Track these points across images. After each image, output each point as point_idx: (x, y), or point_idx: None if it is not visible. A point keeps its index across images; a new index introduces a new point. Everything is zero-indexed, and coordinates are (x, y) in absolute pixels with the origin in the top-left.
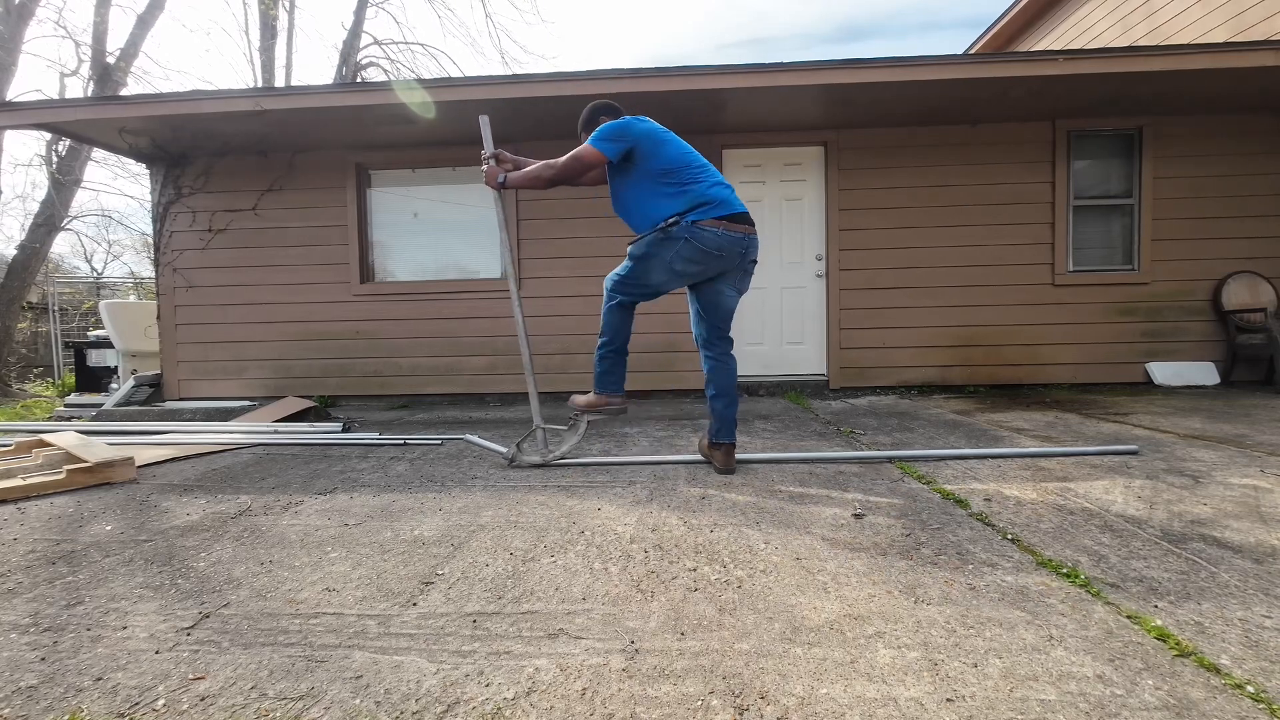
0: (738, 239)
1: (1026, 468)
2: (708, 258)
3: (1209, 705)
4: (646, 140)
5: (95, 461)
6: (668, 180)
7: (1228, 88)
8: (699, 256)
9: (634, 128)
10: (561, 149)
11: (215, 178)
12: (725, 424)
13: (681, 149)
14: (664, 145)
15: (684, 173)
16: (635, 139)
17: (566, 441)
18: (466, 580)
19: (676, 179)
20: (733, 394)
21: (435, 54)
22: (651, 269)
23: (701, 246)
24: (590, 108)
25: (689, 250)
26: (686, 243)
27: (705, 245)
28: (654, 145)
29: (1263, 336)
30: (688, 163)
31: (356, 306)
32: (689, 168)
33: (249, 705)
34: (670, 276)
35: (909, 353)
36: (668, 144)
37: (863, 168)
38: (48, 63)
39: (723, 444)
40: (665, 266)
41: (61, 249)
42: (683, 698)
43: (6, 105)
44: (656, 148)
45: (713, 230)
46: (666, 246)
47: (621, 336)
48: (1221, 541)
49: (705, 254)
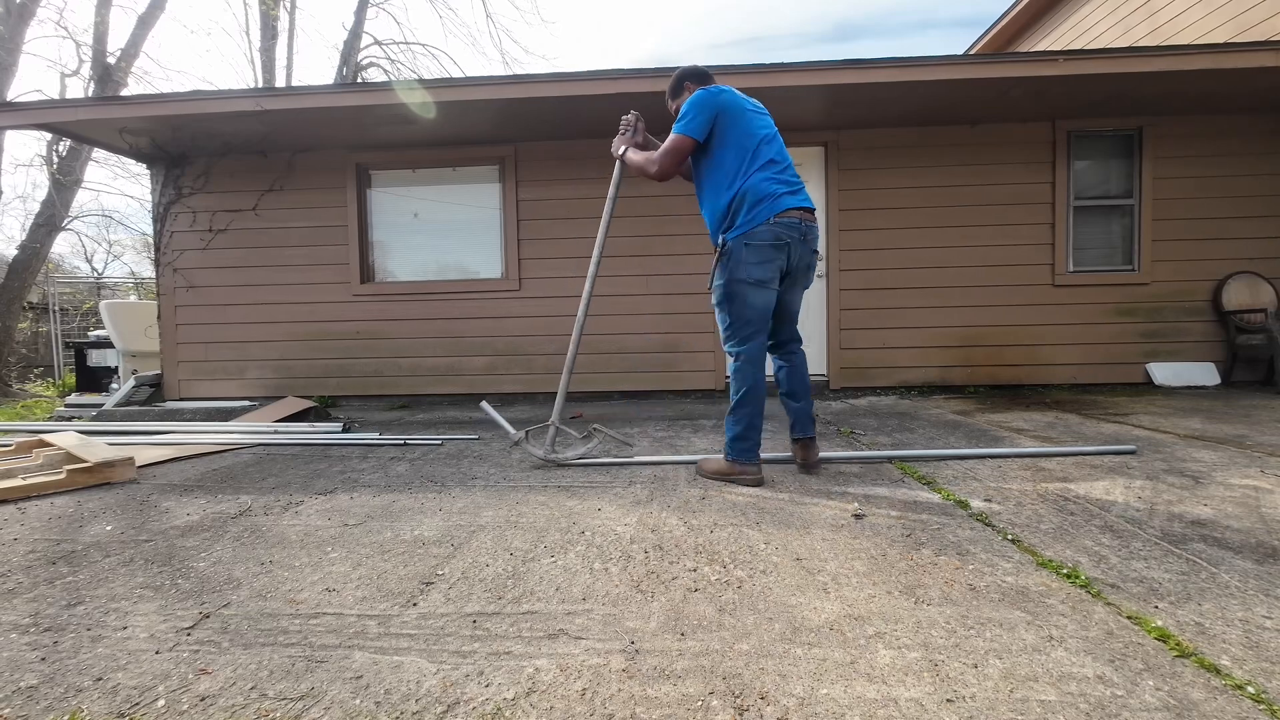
0: (793, 224)
1: (1027, 468)
2: (775, 251)
3: (1209, 706)
4: (726, 114)
5: (95, 461)
6: (726, 169)
7: (1228, 88)
8: (768, 254)
9: (717, 97)
10: (562, 149)
11: (215, 178)
12: (808, 418)
13: (750, 128)
14: (738, 121)
15: (742, 160)
16: (718, 109)
17: (575, 448)
18: (466, 580)
19: (732, 168)
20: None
21: (436, 54)
22: (742, 296)
23: (760, 243)
24: (677, 74)
25: (753, 254)
26: (747, 248)
27: (764, 240)
28: (732, 120)
29: (1263, 337)
30: (744, 146)
31: (357, 306)
32: (745, 152)
33: (249, 705)
34: (760, 288)
35: (909, 353)
36: (740, 119)
37: (863, 168)
38: (48, 63)
39: (805, 438)
40: (748, 284)
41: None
42: (683, 698)
43: (7, 105)
44: (735, 121)
45: (764, 226)
46: (734, 265)
47: (753, 399)
48: (1222, 542)
49: (770, 248)
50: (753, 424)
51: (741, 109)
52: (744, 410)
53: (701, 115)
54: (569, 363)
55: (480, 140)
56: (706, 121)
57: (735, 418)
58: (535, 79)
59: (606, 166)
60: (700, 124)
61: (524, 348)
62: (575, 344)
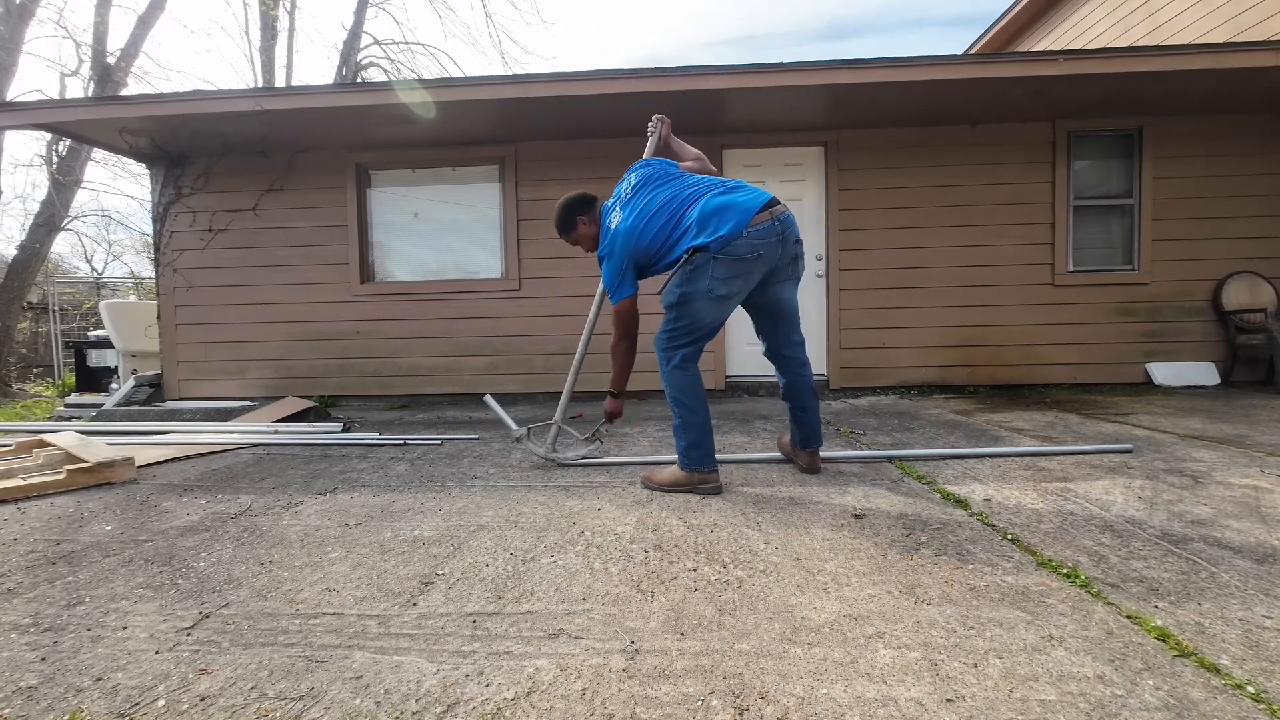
0: (767, 228)
1: (1027, 468)
2: (749, 264)
3: (1209, 705)
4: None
5: (95, 461)
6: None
7: (1228, 88)
8: (739, 269)
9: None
10: (561, 149)
11: (215, 178)
12: (814, 431)
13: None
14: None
15: (679, 210)
16: (628, 250)
17: (577, 449)
18: (466, 580)
19: (676, 223)
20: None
21: (436, 54)
22: (696, 309)
23: (734, 258)
24: (563, 209)
25: (723, 269)
26: (716, 261)
27: (738, 254)
28: (640, 221)
29: (1263, 337)
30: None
31: (356, 306)
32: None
33: (249, 705)
34: (719, 306)
35: (909, 353)
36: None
37: (863, 168)
38: (48, 63)
39: (812, 449)
40: (708, 298)
41: (61, 249)
42: (683, 698)
43: (7, 105)
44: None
45: (738, 238)
46: (698, 278)
47: (695, 398)
48: (1222, 542)
49: (743, 262)
50: (703, 427)
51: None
52: (690, 416)
53: (626, 273)
54: (577, 362)
55: (480, 140)
56: (630, 271)
57: (684, 423)
58: (534, 79)
59: (606, 166)
60: (628, 280)
61: (523, 348)
62: (585, 344)
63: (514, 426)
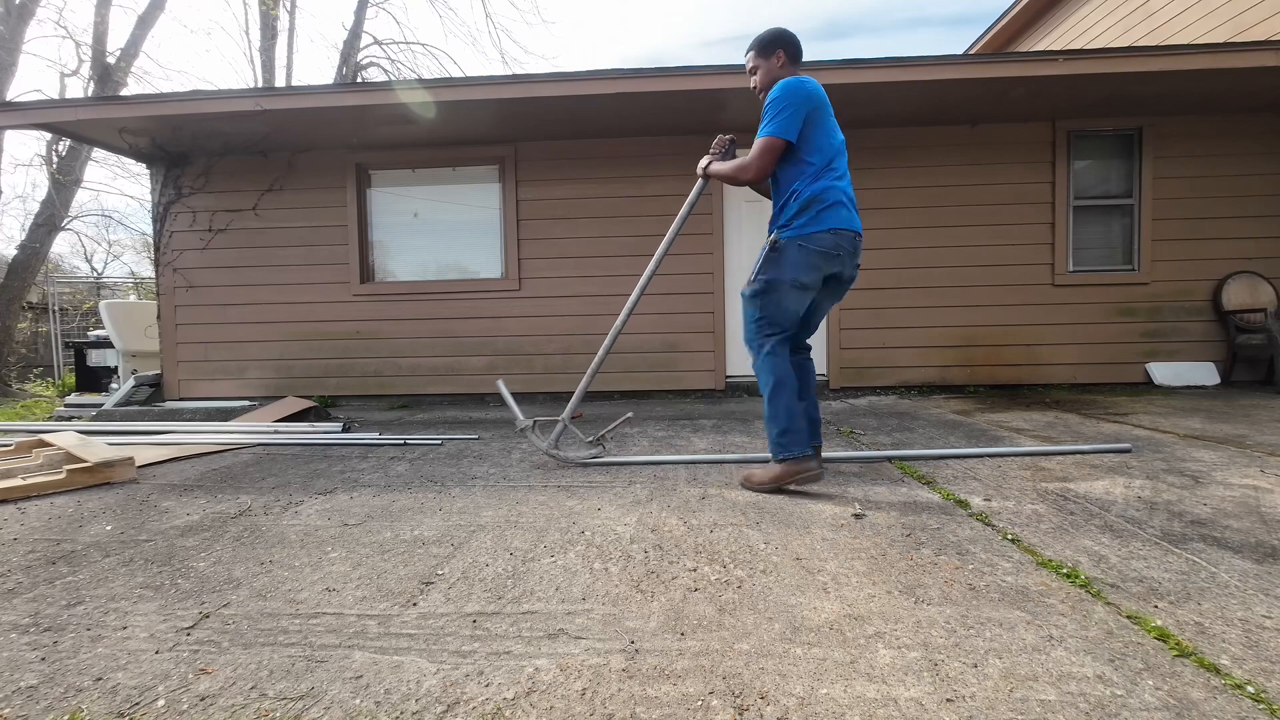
0: (848, 239)
1: (1026, 467)
2: (826, 259)
3: (1209, 705)
4: (816, 113)
5: (95, 461)
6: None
7: (1228, 88)
8: (818, 261)
9: (811, 94)
10: (562, 149)
11: (215, 178)
12: (815, 425)
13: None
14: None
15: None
16: (811, 107)
17: (579, 450)
18: (466, 580)
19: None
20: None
21: (436, 54)
22: (782, 297)
23: (817, 249)
24: (772, 33)
25: (804, 257)
26: (800, 249)
27: (821, 247)
28: (819, 119)
29: (1263, 337)
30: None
31: (356, 306)
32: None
33: (249, 705)
34: (801, 294)
35: (909, 353)
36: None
37: (863, 168)
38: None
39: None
40: (792, 286)
41: (61, 249)
42: (683, 698)
43: (7, 105)
44: (823, 121)
45: (824, 234)
46: (783, 265)
47: (789, 384)
48: (1222, 542)
49: (823, 255)
50: (793, 412)
51: (827, 108)
52: (781, 401)
53: (797, 116)
54: (596, 362)
55: (480, 140)
56: (801, 122)
57: (773, 411)
58: (534, 79)
59: (607, 166)
60: (795, 125)
61: (524, 348)
62: (609, 343)
63: (520, 416)
